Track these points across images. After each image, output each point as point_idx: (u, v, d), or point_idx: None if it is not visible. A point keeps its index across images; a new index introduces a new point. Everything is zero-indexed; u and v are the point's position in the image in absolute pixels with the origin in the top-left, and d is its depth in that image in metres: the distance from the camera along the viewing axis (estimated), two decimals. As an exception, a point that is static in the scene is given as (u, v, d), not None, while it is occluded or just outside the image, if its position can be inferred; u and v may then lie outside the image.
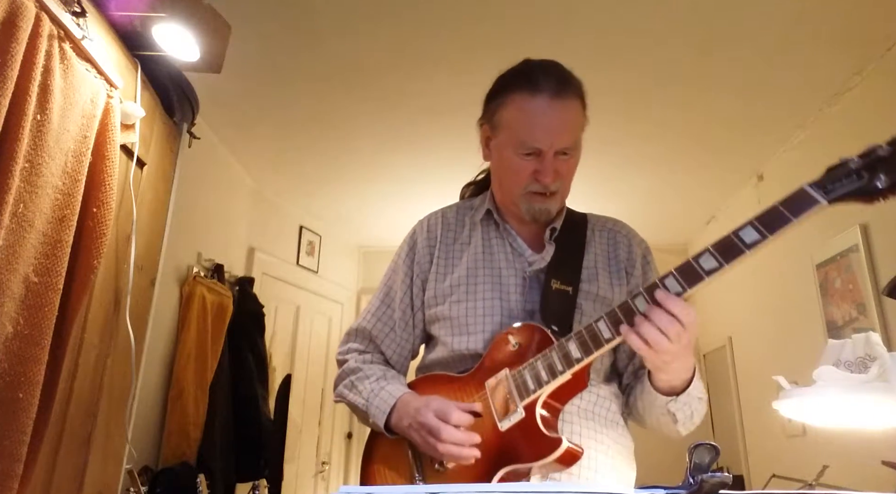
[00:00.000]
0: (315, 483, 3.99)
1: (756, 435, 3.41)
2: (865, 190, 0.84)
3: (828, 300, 2.63)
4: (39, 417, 1.27)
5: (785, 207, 0.86)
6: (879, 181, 0.83)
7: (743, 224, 0.88)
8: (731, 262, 0.87)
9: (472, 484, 0.98)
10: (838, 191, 0.85)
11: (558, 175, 1.11)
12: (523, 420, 0.99)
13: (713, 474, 0.55)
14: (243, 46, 2.27)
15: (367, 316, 1.28)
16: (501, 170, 1.17)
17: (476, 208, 1.27)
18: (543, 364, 0.99)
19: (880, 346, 1.12)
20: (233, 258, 3.35)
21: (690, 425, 1.08)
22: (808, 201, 0.85)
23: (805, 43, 2.27)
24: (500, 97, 1.15)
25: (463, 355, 1.13)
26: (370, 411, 1.12)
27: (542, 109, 1.08)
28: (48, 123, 1.30)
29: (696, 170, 3.34)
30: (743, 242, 0.86)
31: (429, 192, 3.67)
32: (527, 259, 1.18)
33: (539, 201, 1.12)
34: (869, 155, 0.85)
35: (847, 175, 0.85)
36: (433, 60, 2.46)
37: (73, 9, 1.41)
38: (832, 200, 0.85)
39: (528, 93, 1.09)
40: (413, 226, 1.32)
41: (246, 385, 3.00)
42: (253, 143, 3.21)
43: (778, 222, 0.85)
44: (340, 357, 1.28)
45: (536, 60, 1.16)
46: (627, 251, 1.21)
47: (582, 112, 1.14)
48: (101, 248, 1.48)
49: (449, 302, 1.16)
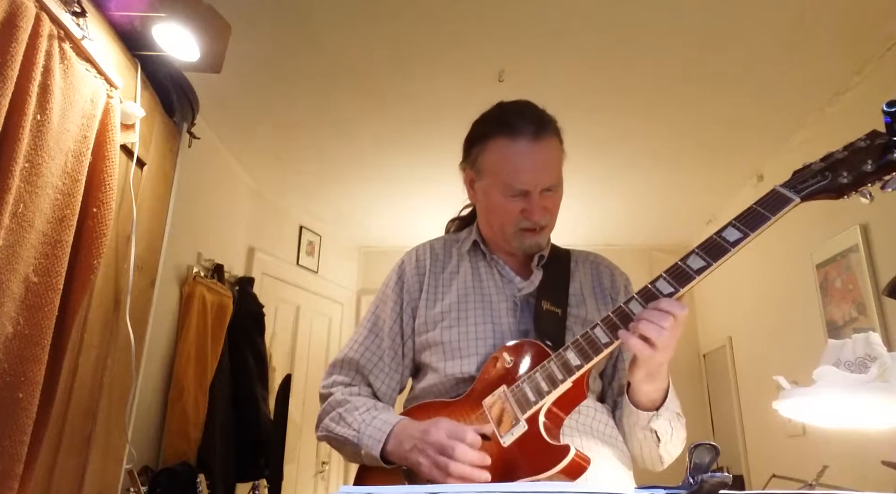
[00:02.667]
0: (315, 483, 3.99)
1: (756, 435, 3.41)
2: (832, 187, 0.91)
3: (828, 300, 2.63)
4: (39, 417, 1.27)
5: (762, 206, 0.92)
6: (843, 178, 0.90)
7: (724, 226, 0.93)
8: (717, 260, 0.91)
9: (472, 485, 0.97)
10: (808, 188, 0.92)
11: (546, 211, 1.15)
12: (526, 433, 0.97)
13: (713, 474, 0.55)
14: (243, 46, 2.27)
15: (353, 346, 1.23)
16: (489, 210, 1.20)
17: (462, 240, 1.29)
18: (543, 375, 0.99)
19: (880, 346, 1.13)
20: (233, 258, 3.35)
21: (672, 448, 1.08)
22: (783, 199, 0.91)
23: (805, 43, 2.27)
24: (480, 143, 1.18)
25: (457, 379, 1.12)
26: (362, 441, 1.07)
27: (524, 153, 1.12)
28: (48, 123, 1.30)
29: (696, 170, 3.35)
30: (727, 241, 0.92)
31: (429, 192, 3.67)
32: (516, 285, 1.20)
33: (530, 237, 1.16)
34: (828, 159, 0.93)
35: (812, 176, 0.93)
36: (433, 60, 2.46)
37: (73, 9, 1.41)
38: (804, 196, 0.91)
39: (507, 138, 1.13)
40: (401, 257, 1.31)
41: (246, 385, 3.00)
42: (253, 143, 3.21)
43: (757, 221, 0.91)
44: (325, 391, 1.22)
45: (510, 103, 1.20)
46: (611, 280, 1.25)
47: (560, 148, 1.18)
48: (101, 248, 1.48)
49: (440, 328, 1.16)
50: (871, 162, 0.89)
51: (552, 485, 0.94)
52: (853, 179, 0.90)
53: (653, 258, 4.29)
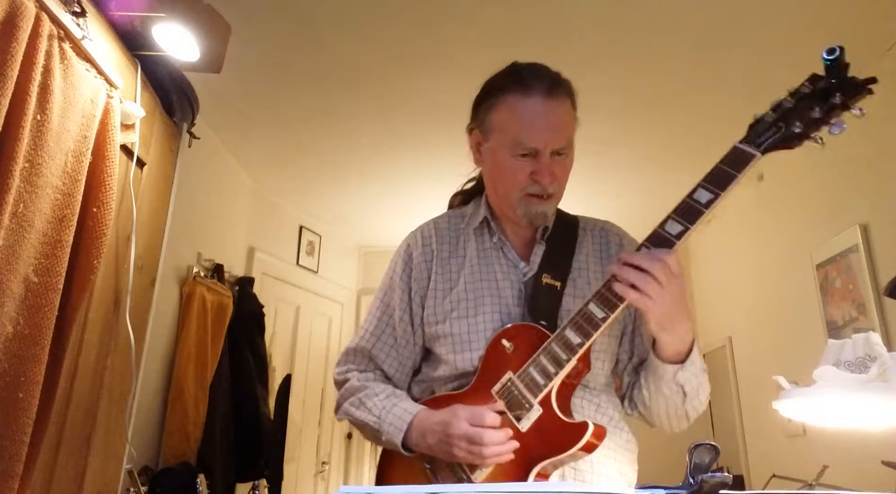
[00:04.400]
0: (315, 483, 3.99)
1: (756, 435, 3.40)
2: (787, 137, 0.94)
3: (828, 300, 2.63)
4: (39, 417, 1.27)
5: (726, 165, 0.96)
6: (795, 127, 0.93)
7: (694, 187, 0.97)
8: (694, 223, 0.95)
9: (472, 484, 0.98)
10: (766, 142, 0.95)
11: (554, 177, 1.10)
12: (542, 416, 0.99)
13: (713, 474, 0.55)
14: (243, 46, 2.27)
15: (365, 335, 1.24)
16: (496, 173, 1.15)
17: (469, 216, 1.26)
18: (547, 358, 1.00)
19: (880, 346, 1.12)
20: (233, 258, 3.35)
21: (698, 403, 1.08)
22: (745, 155, 0.95)
23: (805, 43, 2.27)
24: (490, 100, 1.14)
25: (466, 371, 1.12)
26: (383, 428, 1.09)
27: (536, 109, 1.08)
28: (48, 123, 1.30)
29: (696, 170, 3.32)
30: (699, 202, 0.95)
31: (429, 192, 3.66)
32: (521, 270, 1.18)
33: (536, 203, 1.11)
34: (778, 109, 0.96)
35: (767, 129, 0.96)
36: (433, 60, 2.46)
37: (73, 9, 1.41)
38: (763, 150, 0.95)
39: (520, 93, 1.09)
40: (405, 238, 1.28)
41: (246, 385, 3.00)
42: (253, 143, 3.21)
43: (725, 180, 0.95)
44: (339, 377, 1.24)
45: (524, 63, 1.16)
46: (618, 247, 1.22)
47: (573, 112, 1.14)
48: (101, 248, 1.48)
49: (449, 320, 1.15)
50: (817, 109, 0.92)
51: (552, 485, 0.95)
52: (804, 128, 0.93)
53: (653, 258, 4.27)
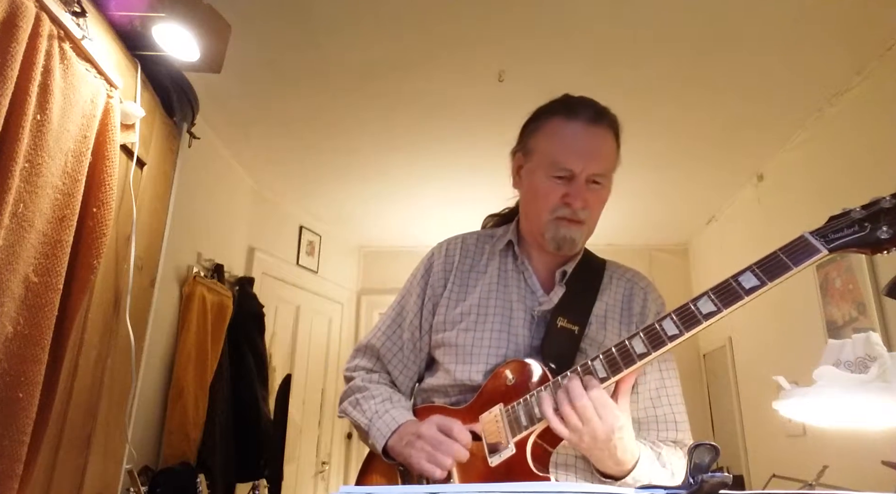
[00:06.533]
0: (315, 483, 3.99)
1: (756, 435, 3.41)
2: (867, 240, 0.84)
3: (828, 300, 2.63)
4: (39, 417, 1.27)
5: (785, 254, 0.86)
6: (882, 232, 0.83)
7: (743, 269, 0.88)
8: (728, 307, 0.88)
9: (472, 484, 0.98)
10: (839, 240, 0.85)
11: (587, 203, 1.10)
12: (513, 457, 0.96)
13: (713, 474, 0.55)
14: (243, 46, 2.27)
15: (377, 334, 1.27)
16: (531, 194, 1.16)
17: (498, 237, 1.26)
18: (537, 402, 0.97)
19: (880, 346, 1.12)
20: (233, 258, 3.35)
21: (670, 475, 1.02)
22: (809, 249, 0.85)
23: (805, 43, 2.27)
24: (535, 123, 1.17)
25: (464, 384, 1.11)
26: (371, 432, 1.11)
27: (577, 132, 1.10)
28: (48, 123, 1.30)
29: (696, 170, 3.34)
30: (742, 287, 0.87)
31: (428, 192, 3.67)
32: (538, 298, 1.16)
33: (566, 226, 1.10)
34: (872, 206, 0.85)
35: (849, 225, 0.85)
36: (433, 60, 2.46)
37: (73, 9, 1.41)
38: (833, 248, 0.85)
39: (563, 118, 1.12)
40: (432, 248, 1.30)
41: (246, 385, 3.00)
42: (253, 143, 3.21)
43: (778, 270, 0.86)
44: (348, 374, 1.28)
45: (576, 96, 1.18)
46: (642, 305, 1.18)
47: (615, 145, 1.15)
48: (101, 248, 1.48)
49: (457, 329, 1.15)
50: None
51: (552, 485, 0.94)
52: (893, 235, 0.82)
53: (653, 258, 4.28)
